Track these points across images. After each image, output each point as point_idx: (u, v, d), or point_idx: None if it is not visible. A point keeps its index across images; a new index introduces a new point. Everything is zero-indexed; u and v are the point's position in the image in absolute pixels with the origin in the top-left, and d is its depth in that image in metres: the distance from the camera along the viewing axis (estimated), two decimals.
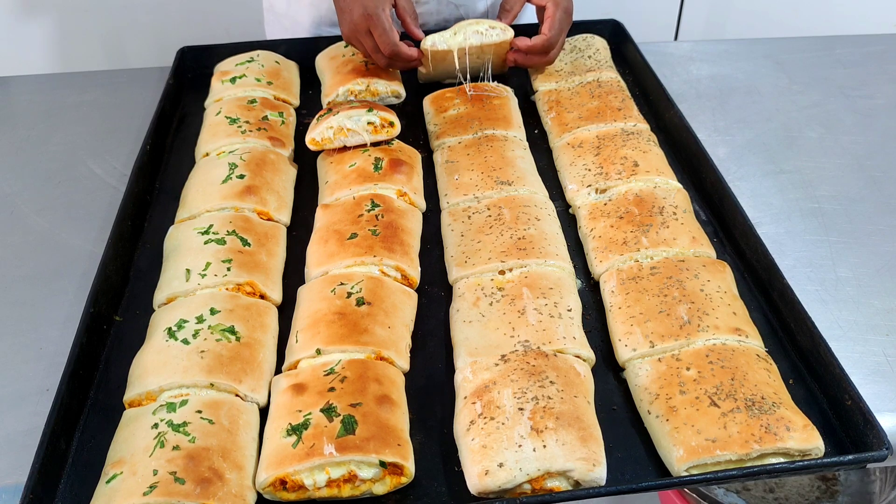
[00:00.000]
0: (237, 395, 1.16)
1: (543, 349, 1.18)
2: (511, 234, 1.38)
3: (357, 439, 1.04)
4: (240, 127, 1.64)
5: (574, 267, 1.37)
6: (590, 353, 1.21)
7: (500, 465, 1.03)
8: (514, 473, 1.02)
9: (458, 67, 1.76)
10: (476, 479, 1.03)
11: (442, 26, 2.01)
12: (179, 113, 1.87)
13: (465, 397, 1.14)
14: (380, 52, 1.65)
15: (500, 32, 1.75)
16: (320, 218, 1.46)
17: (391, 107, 1.75)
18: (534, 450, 1.03)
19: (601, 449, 1.06)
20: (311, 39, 2.02)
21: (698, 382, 1.13)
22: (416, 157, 1.61)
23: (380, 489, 1.06)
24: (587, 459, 1.04)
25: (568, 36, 2.00)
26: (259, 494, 1.06)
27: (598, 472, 1.03)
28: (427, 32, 1.74)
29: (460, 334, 1.24)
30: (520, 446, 1.04)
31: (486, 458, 1.04)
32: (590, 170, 1.54)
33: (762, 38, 2.18)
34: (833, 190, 1.62)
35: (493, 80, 1.83)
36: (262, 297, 1.32)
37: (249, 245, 1.37)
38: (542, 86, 1.84)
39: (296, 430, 1.07)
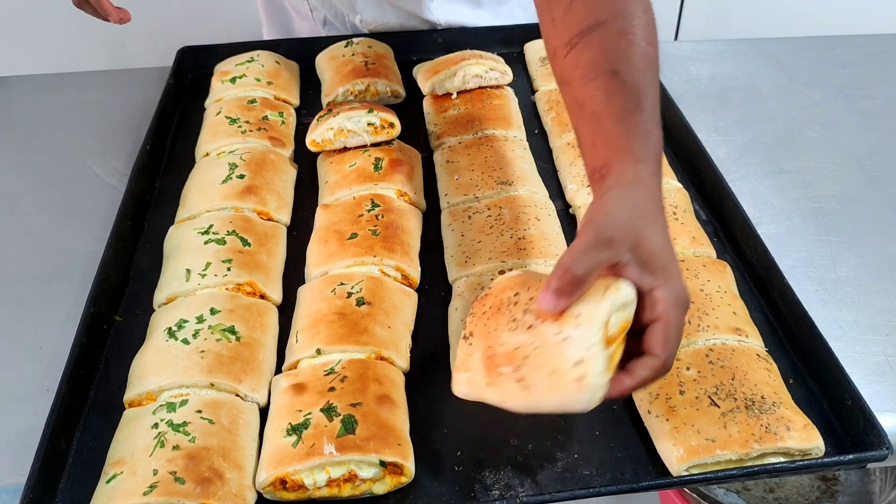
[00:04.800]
0: (237, 395, 1.16)
1: None
2: (511, 235, 1.38)
3: (357, 439, 1.04)
4: (240, 127, 1.64)
5: None
6: None
7: None
8: None
9: (454, 96, 1.78)
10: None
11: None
12: (179, 113, 1.86)
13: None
14: None
15: (499, 76, 1.78)
16: (320, 218, 1.46)
17: (391, 107, 1.75)
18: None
19: None
20: (310, 39, 2.02)
21: (698, 382, 1.13)
22: (416, 157, 1.61)
23: (380, 489, 1.06)
24: None
25: None
26: (259, 494, 1.06)
27: None
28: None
29: (459, 333, 1.24)
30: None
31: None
32: None
33: (762, 38, 2.18)
34: (833, 190, 1.62)
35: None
36: (263, 297, 1.32)
37: (249, 245, 1.37)
38: (543, 86, 1.84)
39: (296, 429, 1.07)
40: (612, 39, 1.04)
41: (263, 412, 1.16)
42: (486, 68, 1.78)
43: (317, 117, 1.62)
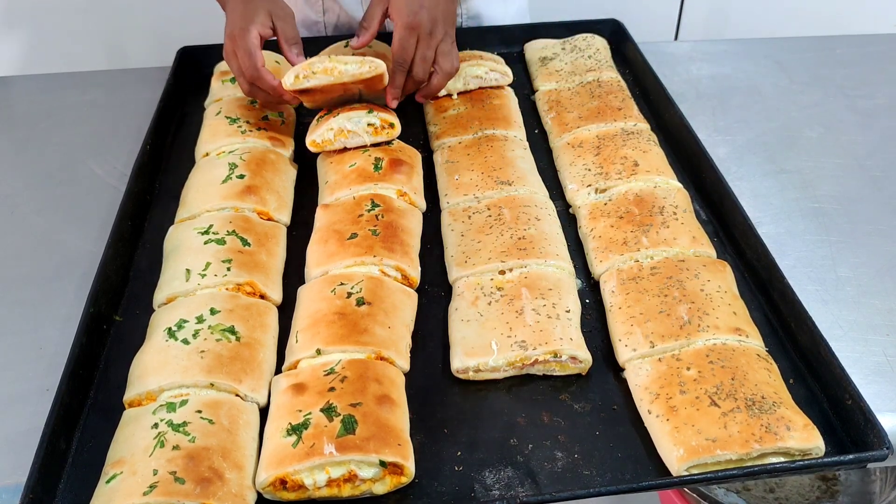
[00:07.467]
0: (237, 395, 1.16)
1: (539, 350, 1.18)
2: (511, 234, 1.38)
3: (357, 439, 1.04)
4: (240, 127, 1.64)
5: (574, 267, 1.37)
6: (586, 355, 1.21)
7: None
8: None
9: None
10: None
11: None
12: (179, 113, 1.87)
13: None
14: (243, 77, 1.52)
15: (499, 77, 1.79)
16: (320, 218, 1.46)
17: None
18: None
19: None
20: (310, 39, 2.01)
21: (698, 382, 1.13)
22: (416, 157, 1.61)
23: (380, 489, 1.06)
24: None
25: (568, 35, 2.00)
26: (259, 494, 1.06)
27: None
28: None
29: (458, 333, 1.24)
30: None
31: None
32: (590, 170, 1.54)
33: (762, 38, 2.18)
34: (833, 190, 1.62)
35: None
36: (262, 297, 1.32)
37: (249, 245, 1.37)
38: (543, 86, 1.84)
39: (296, 429, 1.07)
40: None
41: (263, 412, 1.16)
42: (487, 69, 1.77)
43: (317, 118, 1.62)
